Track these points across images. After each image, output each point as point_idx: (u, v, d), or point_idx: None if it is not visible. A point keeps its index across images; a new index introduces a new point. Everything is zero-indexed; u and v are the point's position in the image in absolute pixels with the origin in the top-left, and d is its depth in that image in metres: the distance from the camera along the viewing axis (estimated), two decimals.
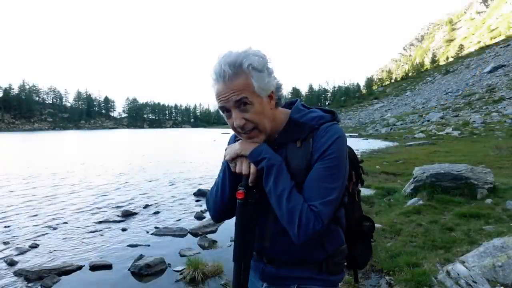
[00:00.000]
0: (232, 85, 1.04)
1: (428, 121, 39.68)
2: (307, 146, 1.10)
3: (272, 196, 1.07)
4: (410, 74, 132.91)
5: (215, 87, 1.08)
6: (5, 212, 7.68)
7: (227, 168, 1.19)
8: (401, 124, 43.89)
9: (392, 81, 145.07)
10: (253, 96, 1.05)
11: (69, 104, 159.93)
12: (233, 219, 1.17)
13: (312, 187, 1.04)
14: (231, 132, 1.28)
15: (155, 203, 8.52)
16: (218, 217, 1.26)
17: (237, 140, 1.22)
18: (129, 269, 4.55)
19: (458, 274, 2.88)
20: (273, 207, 1.08)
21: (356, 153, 1.33)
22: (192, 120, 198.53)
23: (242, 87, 1.04)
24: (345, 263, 1.26)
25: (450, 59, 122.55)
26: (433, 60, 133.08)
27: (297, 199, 1.03)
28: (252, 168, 1.10)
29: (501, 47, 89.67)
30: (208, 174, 13.36)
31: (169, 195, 9.53)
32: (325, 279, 1.16)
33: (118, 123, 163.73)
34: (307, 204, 1.03)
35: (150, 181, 11.96)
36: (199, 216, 7.20)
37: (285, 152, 1.13)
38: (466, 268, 2.94)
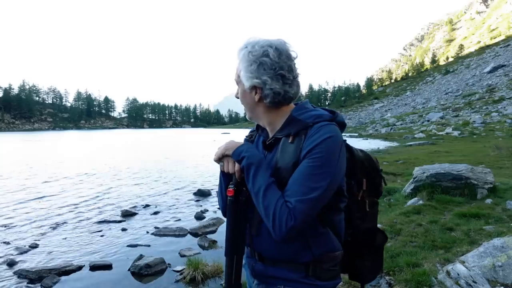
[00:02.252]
0: (237, 65, 1.22)
1: (428, 121, 39.67)
2: (299, 142, 1.10)
3: (252, 193, 1.10)
4: (410, 74, 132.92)
5: None
6: (5, 212, 7.69)
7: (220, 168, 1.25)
8: (401, 124, 43.89)
9: (392, 81, 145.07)
10: (240, 81, 1.21)
11: (69, 104, 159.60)
12: None
13: (294, 184, 1.04)
14: (231, 132, 1.33)
15: (155, 203, 8.53)
16: (224, 213, 1.29)
17: (245, 138, 1.34)
18: (129, 269, 4.56)
19: (458, 274, 2.88)
20: None
21: (375, 162, 1.29)
22: (192, 120, 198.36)
23: (237, 70, 1.21)
24: (339, 271, 1.20)
25: (450, 59, 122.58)
26: (433, 60, 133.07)
27: (273, 195, 1.04)
28: (236, 166, 1.14)
29: (501, 47, 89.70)
30: (207, 174, 13.36)
31: (169, 195, 9.54)
32: (312, 283, 1.12)
33: (118, 123, 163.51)
34: (282, 200, 1.03)
35: (150, 181, 11.96)
36: (199, 216, 7.21)
37: (278, 147, 1.15)
38: (466, 268, 2.94)
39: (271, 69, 1.12)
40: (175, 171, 14.26)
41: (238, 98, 1.27)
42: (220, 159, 1.19)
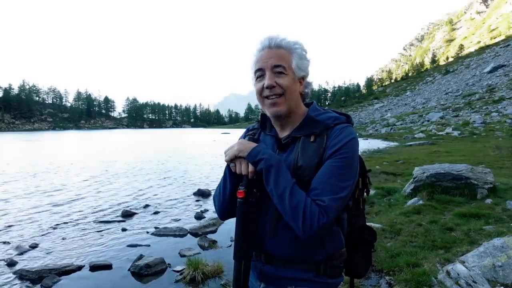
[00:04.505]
0: (275, 52, 1.16)
1: (428, 121, 39.65)
2: (321, 142, 1.12)
3: (274, 195, 1.08)
4: (410, 74, 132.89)
5: (258, 55, 1.19)
6: (5, 212, 7.68)
7: (227, 168, 1.21)
8: (401, 124, 43.86)
9: (392, 81, 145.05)
10: (289, 69, 1.16)
11: (69, 104, 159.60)
12: (234, 218, 1.18)
13: (322, 183, 1.06)
14: (231, 132, 1.31)
15: (155, 203, 8.53)
16: (223, 216, 1.29)
17: (247, 136, 1.29)
18: (129, 269, 4.56)
19: (458, 274, 2.88)
20: (275, 205, 1.10)
21: (364, 162, 1.34)
22: (192, 120, 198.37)
23: (283, 57, 1.16)
24: (343, 268, 1.25)
25: (450, 59, 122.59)
26: (433, 60, 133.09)
27: (300, 195, 1.05)
28: (250, 167, 1.12)
29: (501, 47, 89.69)
30: (207, 174, 13.35)
31: (169, 195, 9.54)
32: (323, 281, 1.15)
33: (118, 123, 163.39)
34: (310, 199, 1.04)
35: (150, 181, 11.96)
36: (199, 216, 7.21)
37: (298, 146, 1.16)
38: (466, 268, 2.94)
39: (306, 54, 1.22)
40: (175, 171, 14.26)
41: (270, 88, 1.15)
42: (232, 160, 1.16)
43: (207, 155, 21.81)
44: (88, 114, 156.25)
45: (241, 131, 1.45)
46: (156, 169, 14.91)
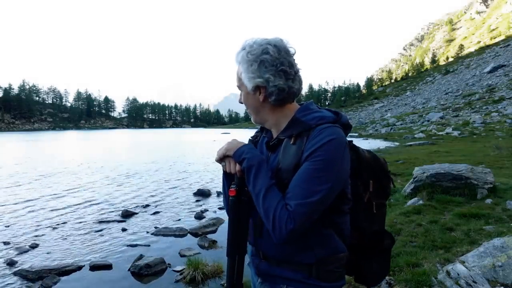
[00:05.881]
0: (237, 70, 1.21)
1: (428, 121, 39.64)
2: (301, 144, 1.09)
3: (252, 195, 1.09)
4: (410, 74, 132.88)
5: None
6: (5, 212, 7.68)
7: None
8: (401, 124, 43.85)
9: (392, 81, 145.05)
10: (242, 85, 1.19)
11: (69, 104, 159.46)
12: None
13: (295, 186, 1.03)
14: (231, 132, 1.33)
15: (155, 203, 8.53)
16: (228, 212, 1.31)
17: (249, 138, 1.34)
18: (129, 269, 4.56)
19: (458, 274, 2.88)
20: None
21: (382, 162, 1.27)
22: (192, 120, 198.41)
23: (238, 74, 1.20)
24: (343, 273, 1.18)
25: (450, 59, 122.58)
26: (433, 60, 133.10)
27: (273, 198, 1.03)
28: (238, 166, 1.14)
29: (501, 47, 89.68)
30: (207, 174, 13.34)
31: (169, 195, 9.54)
32: (315, 284, 1.11)
33: (118, 123, 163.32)
34: (283, 203, 1.02)
35: (150, 181, 11.96)
36: (199, 216, 7.21)
37: (281, 148, 1.15)
38: (466, 268, 2.94)
39: (273, 66, 1.11)
40: (175, 171, 14.26)
41: (242, 103, 1.23)
42: (221, 159, 1.18)
43: (207, 155, 21.81)
44: (88, 114, 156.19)
45: (241, 131, 1.47)
46: (156, 169, 14.90)
